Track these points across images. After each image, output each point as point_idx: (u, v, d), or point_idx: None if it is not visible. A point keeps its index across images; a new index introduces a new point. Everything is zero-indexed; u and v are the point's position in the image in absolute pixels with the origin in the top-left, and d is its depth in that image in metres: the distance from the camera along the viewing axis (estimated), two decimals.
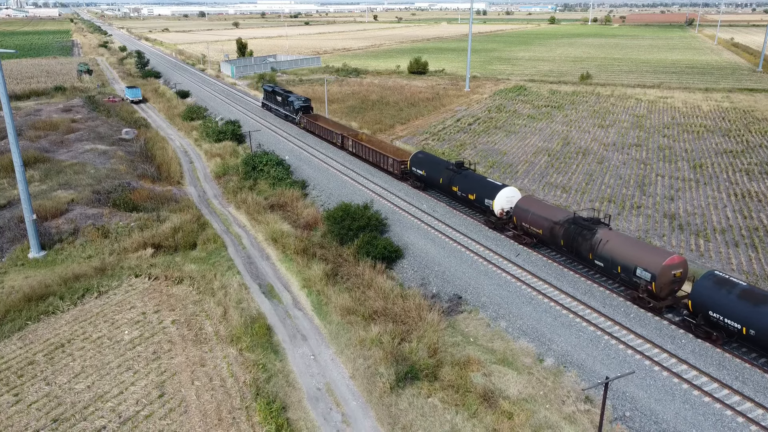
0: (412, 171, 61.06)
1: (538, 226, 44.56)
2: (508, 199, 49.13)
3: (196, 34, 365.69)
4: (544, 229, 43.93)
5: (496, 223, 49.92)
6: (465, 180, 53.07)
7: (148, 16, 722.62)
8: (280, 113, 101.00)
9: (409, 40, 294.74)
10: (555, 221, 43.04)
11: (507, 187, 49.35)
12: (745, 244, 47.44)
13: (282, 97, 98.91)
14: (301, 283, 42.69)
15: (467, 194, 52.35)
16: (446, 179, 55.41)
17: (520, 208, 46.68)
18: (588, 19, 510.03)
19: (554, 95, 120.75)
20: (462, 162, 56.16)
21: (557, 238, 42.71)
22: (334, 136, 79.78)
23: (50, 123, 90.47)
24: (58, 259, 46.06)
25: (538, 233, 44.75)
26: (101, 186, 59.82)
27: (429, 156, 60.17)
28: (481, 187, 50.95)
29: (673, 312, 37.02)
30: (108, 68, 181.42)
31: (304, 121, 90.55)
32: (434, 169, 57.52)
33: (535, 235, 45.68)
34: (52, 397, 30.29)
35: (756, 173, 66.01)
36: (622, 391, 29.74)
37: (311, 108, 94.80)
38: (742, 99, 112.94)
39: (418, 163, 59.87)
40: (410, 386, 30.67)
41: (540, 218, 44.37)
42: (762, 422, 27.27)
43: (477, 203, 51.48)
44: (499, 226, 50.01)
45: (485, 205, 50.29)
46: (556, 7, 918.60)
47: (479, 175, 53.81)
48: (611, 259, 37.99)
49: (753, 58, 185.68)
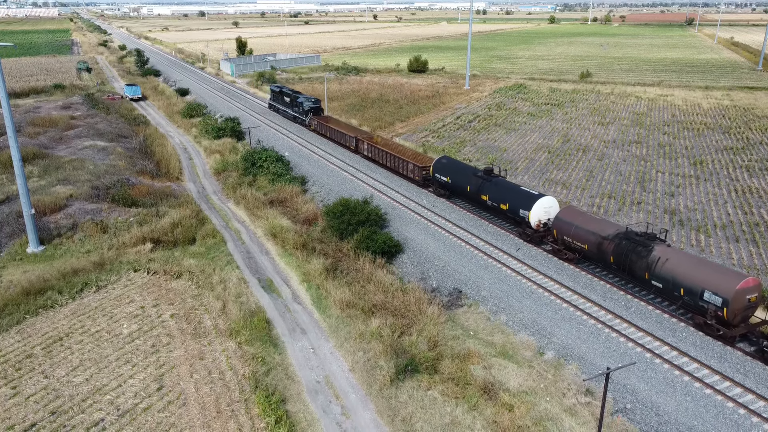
0: (436, 177, 56.70)
1: (582, 240, 40.25)
2: (545, 209, 44.94)
3: (195, 33, 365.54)
4: (590, 244, 39.66)
5: (533, 236, 45.54)
6: (496, 188, 48.70)
7: (147, 16, 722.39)
8: (288, 114, 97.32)
9: (409, 39, 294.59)
10: (603, 236, 38.88)
11: (544, 197, 45.07)
12: (746, 240, 47.31)
13: (290, 98, 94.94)
14: (300, 278, 42.55)
15: (499, 204, 47.94)
16: (474, 187, 50.98)
17: (561, 220, 42.28)
18: (588, 19, 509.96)
19: (554, 93, 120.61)
20: (491, 168, 51.61)
21: (606, 254, 38.49)
22: (348, 139, 75.84)
23: (49, 120, 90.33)
24: (57, 254, 45.90)
25: (583, 248, 40.35)
26: (100, 182, 59.69)
27: (454, 162, 55.84)
28: (516, 197, 46.52)
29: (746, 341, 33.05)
30: (107, 67, 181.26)
31: (314, 123, 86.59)
32: (460, 176, 53.27)
33: (578, 251, 41.22)
34: (50, 390, 30.15)
35: (756, 170, 65.88)
36: (623, 384, 29.61)
37: (321, 109, 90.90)
38: (742, 97, 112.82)
39: (442, 169, 55.66)
40: (410, 379, 30.54)
41: (585, 232, 40.15)
42: (764, 414, 27.13)
43: (510, 214, 47.11)
44: (535, 239, 45.63)
45: (520, 216, 45.87)
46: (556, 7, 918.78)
47: (512, 182, 49.39)
48: (672, 280, 33.94)
49: (753, 56, 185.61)
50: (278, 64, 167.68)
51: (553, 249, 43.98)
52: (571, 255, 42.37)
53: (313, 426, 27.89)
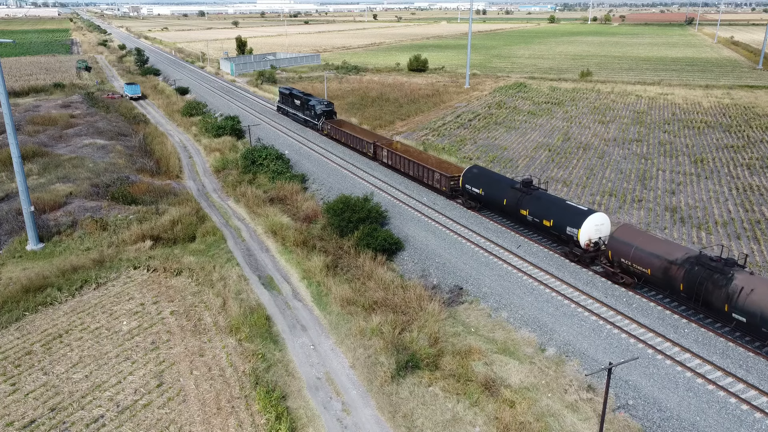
0: (466, 188, 52.50)
1: (644, 264, 36.13)
2: (596, 227, 40.67)
3: (195, 32, 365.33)
4: (653, 269, 35.63)
5: (582, 257, 41.31)
6: (537, 203, 44.28)
7: (147, 16, 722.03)
8: (299, 118, 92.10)
9: (409, 38, 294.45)
10: (671, 260, 34.72)
11: (596, 213, 40.51)
12: (747, 237, 47.20)
13: (301, 101, 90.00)
14: (300, 275, 42.42)
15: (541, 220, 43.65)
16: (512, 200, 46.66)
17: (618, 240, 38.08)
18: (588, 18, 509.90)
19: (554, 92, 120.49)
20: (530, 180, 47.02)
21: (674, 281, 34.43)
22: (365, 145, 70.78)
23: (49, 118, 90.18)
24: (56, 251, 45.76)
25: (645, 273, 36.29)
26: (100, 179, 59.57)
27: (486, 172, 51.58)
28: (562, 212, 42.22)
29: None
30: (107, 66, 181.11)
31: (327, 127, 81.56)
32: (495, 188, 49.03)
33: (639, 275, 37.09)
34: (50, 387, 30.02)
35: (757, 167, 65.77)
36: (625, 380, 29.48)
37: (335, 113, 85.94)
38: (742, 95, 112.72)
39: (474, 180, 51.32)
40: (411, 375, 30.42)
41: (648, 255, 36.00)
42: (766, 410, 27.01)
43: (555, 231, 42.67)
44: (585, 260, 41.32)
45: (567, 234, 41.56)
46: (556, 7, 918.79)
47: (556, 196, 44.97)
48: (761, 314, 29.94)
49: (753, 55, 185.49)
50: (278, 64, 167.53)
51: (606, 272, 39.59)
52: (629, 279, 37.90)
53: (313, 422, 27.77)
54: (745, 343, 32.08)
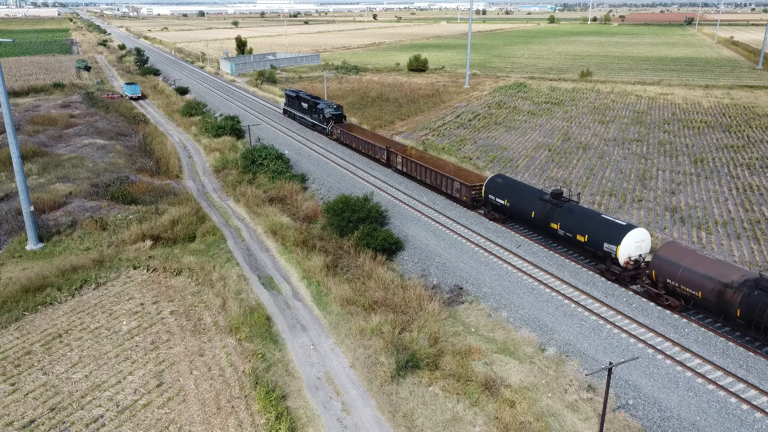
0: (489, 199, 49.78)
1: (694, 286, 33.33)
2: (637, 244, 37.94)
3: (195, 32, 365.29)
4: (705, 292, 32.84)
5: (621, 276, 38.53)
6: (570, 216, 41.50)
7: (147, 16, 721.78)
8: (306, 122, 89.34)
9: (409, 38, 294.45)
10: (726, 283, 31.94)
11: (636, 229, 37.91)
12: (747, 237, 47.18)
13: (308, 104, 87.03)
14: (300, 275, 42.40)
15: (574, 234, 40.77)
16: (541, 213, 43.96)
17: (663, 259, 35.27)
18: (587, 19, 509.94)
19: (554, 92, 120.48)
20: (561, 191, 44.18)
21: (730, 306, 31.71)
22: (378, 150, 68.07)
23: (49, 118, 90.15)
24: (56, 251, 45.73)
25: (694, 296, 33.56)
26: (100, 179, 59.54)
27: (511, 182, 48.79)
28: (598, 227, 39.35)
29: None
30: (107, 66, 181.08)
31: (337, 131, 78.62)
32: (521, 199, 46.28)
33: (687, 298, 34.44)
34: (49, 387, 29.98)
35: (757, 167, 65.76)
36: (625, 380, 29.46)
37: (344, 116, 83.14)
38: (742, 95, 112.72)
39: (498, 190, 48.61)
40: (411, 375, 30.40)
41: (699, 276, 33.17)
42: (767, 409, 26.99)
43: (590, 247, 39.93)
44: (623, 278, 38.52)
45: (604, 250, 38.78)
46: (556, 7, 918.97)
47: (590, 209, 42.17)
48: None
49: (753, 55, 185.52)
50: (278, 63, 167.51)
51: (648, 293, 36.86)
52: (675, 302, 35.10)
53: (313, 422, 27.74)
54: (746, 343, 32.07)
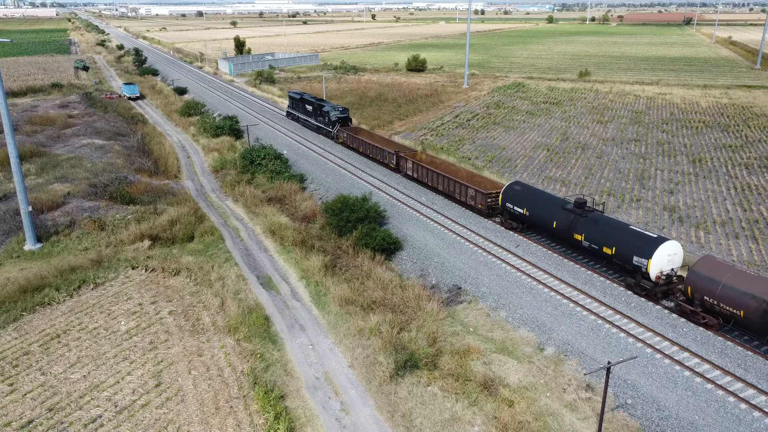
0: (506, 207, 47.58)
1: (735, 305, 31.36)
2: (669, 257, 35.77)
3: (193, 32, 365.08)
4: (748, 311, 30.90)
5: (652, 291, 36.23)
6: (595, 227, 39.44)
7: (145, 16, 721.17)
8: (311, 124, 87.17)
9: (408, 38, 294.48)
10: None
11: (668, 242, 35.72)
12: (746, 236, 47.24)
13: (313, 107, 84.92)
14: (299, 274, 42.37)
15: (600, 247, 38.79)
16: (563, 223, 41.84)
17: (700, 275, 33.16)
18: (586, 19, 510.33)
19: (552, 92, 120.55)
20: (584, 200, 41.86)
21: None
22: (386, 155, 65.84)
23: (47, 118, 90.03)
24: (54, 251, 45.66)
25: (735, 315, 31.64)
26: (98, 179, 59.44)
27: (530, 189, 46.71)
28: (626, 239, 37.26)
29: None
30: (105, 66, 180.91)
31: (343, 135, 76.26)
32: (542, 208, 44.22)
33: (726, 317, 32.42)
34: (47, 387, 29.92)
35: (756, 167, 65.84)
36: (624, 379, 29.48)
37: (350, 119, 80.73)
38: (740, 95, 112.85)
39: (516, 199, 46.49)
40: (410, 375, 30.38)
41: (740, 294, 31.14)
42: (765, 408, 27.03)
43: (618, 260, 37.97)
44: (655, 294, 36.26)
45: (633, 264, 36.74)
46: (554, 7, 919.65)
47: (617, 219, 40.11)
48: None
49: (751, 55, 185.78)
50: (276, 63, 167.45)
51: (682, 310, 34.66)
52: (713, 321, 32.96)
53: (312, 422, 27.72)
54: (744, 342, 32.10)
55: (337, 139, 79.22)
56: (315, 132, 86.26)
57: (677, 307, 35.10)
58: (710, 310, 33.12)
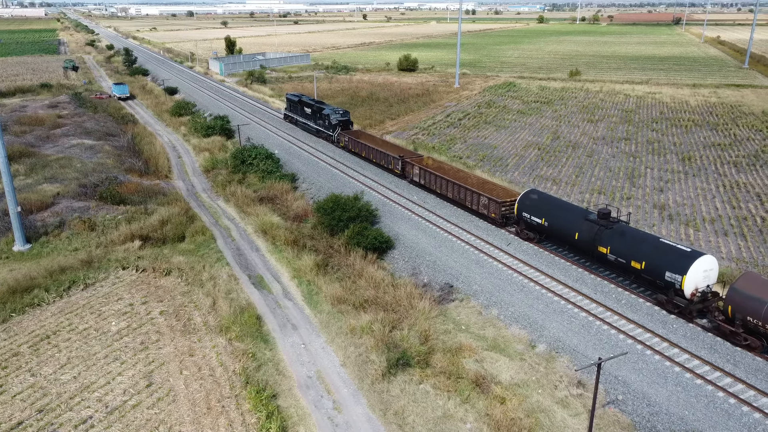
0: (522, 217, 45.15)
1: None
2: (705, 273, 33.50)
3: (184, 32, 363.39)
4: None
5: (687, 309, 33.86)
6: (622, 240, 37.08)
7: (135, 16, 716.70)
8: (310, 128, 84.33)
9: (399, 38, 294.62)
10: None
11: (704, 256, 33.43)
12: (734, 233, 47.65)
13: (312, 109, 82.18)
14: (291, 274, 42.30)
15: (628, 261, 36.44)
16: (586, 235, 39.29)
17: (743, 294, 30.92)
18: (576, 18, 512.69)
19: (543, 91, 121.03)
20: (608, 210, 39.16)
21: None
22: (392, 160, 62.98)
23: (36, 119, 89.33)
24: (44, 252, 45.32)
25: None
26: (88, 179, 59.07)
27: (548, 198, 44.40)
28: (658, 253, 34.89)
29: None
30: (95, 66, 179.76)
31: (345, 139, 73.47)
32: (562, 218, 41.76)
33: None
34: (37, 388, 29.70)
35: (744, 165, 66.42)
36: (615, 375, 29.66)
37: (351, 122, 77.91)
38: (729, 94, 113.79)
39: (533, 208, 44.04)
40: (402, 373, 30.41)
41: None
42: (754, 403, 27.29)
43: (648, 275, 35.57)
44: (690, 312, 33.83)
45: (666, 280, 34.37)
46: (545, 7, 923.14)
47: (645, 232, 38.35)
48: None
49: (739, 54, 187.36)
50: (268, 63, 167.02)
51: (721, 330, 32.46)
52: (756, 342, 30.83)
53: (304, 420, 27.69)
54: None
55: (338, 144, 76.73)
56: (315, 136, 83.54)
57: (715, 327, 32.98)
58: (754, 332, 30.91)
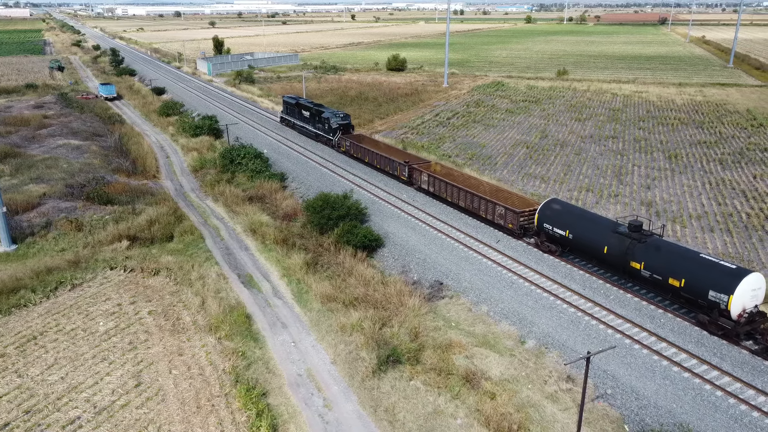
0: (544, 228, 42.37)
1: None
2: (753, 292, 31.15)
3: (171, 32, 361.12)
4: None
5: (733, 331, 31.38)
6: (658, 255, 34.45)
7: (122, 16, 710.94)
8: (308, 132, 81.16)
9: (387, 38, 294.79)
10: None
11: (751, 274, 31.07)
12: (720, 229, 48.17)
13: (311, 113, 79.15)
14: (280, 272, 42.18)
15: (666, 277, 33.75)
16: (616, 249, 36.70)
17: None
18: (564, 18, 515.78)
19: (532, 90, 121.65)
20: (640, 222, 36.54)
21: None
22: (397, 166, 60.22)
23: (21, 119, 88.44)
24: (30, 253, 44.83)
25: None
26: (75, 180, 58.55)
27: (572, 208, 41.83)
28: (699, 270, 32.28)
29: None
30: (81, 66, 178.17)
31: (346, 143, 70.48)
32: (588, 231, 39.07)
33: None
34: (24, 389, 29.37)
35: (729, 162, 67.15)
36: (603, 369, 29.88)
37: (352, 126, 74.96)
38: (714, 93, 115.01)
39: (556, 219, 41.37)
40: (392, 370, 30.44)
41: None
42: (740, 395, 27.61)
43: (688, 293, 32.96)
44: (736, 334, 31.43)
45: (710, 299, 31.78)
46: (533, 7, 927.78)
47: (684, 246, 36.12)
48: None
49: (724, 54, 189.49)
50: (256, 63, 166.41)
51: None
52: None
53: (295, 418, 27.62)
54: None
55: (339, 148, 73.34)
56: (313, 140, 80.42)
57: (763, 349, 30.85)
58: None
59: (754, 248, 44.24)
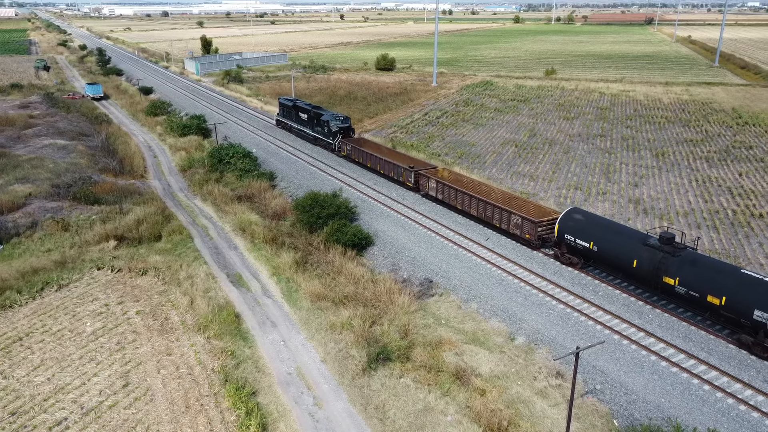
0: (565, 239, 39.78)
1: None
2: None
3: (159, 32, 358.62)
4: None
5: None
6: (694, 270, 32.07)
7: (109, 16, 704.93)
8: (307, 135, 78.20)
9: (376, 38, 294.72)
10: None
11: None
12: (707, 226, 48.60)
13: (309, 115, 76.14)
14: (270, 271, 41.99)
15: (704, 295, 31.34)
16: (647, 263, 34.28)
17: None
18: (551, 18, 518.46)
19: (520, 89, 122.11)
20: (672, 234, 33.91)
21: None
22: (402, 172, 57.52)
23: (6, 119, 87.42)
24: (15, 253, 44.29)
25: None
26: (61, 180, 57.95)
27: (596, 218, 39.21)
28: (743, 288, 29.83)
29: None
30: (67, 66, 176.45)
31: (347, 147, 67.54)
32: (615, 243, 36.49)
33: None
34: (10, 391, 29.02)
35: (715, 160, 67.79)
36: (593, 365, 30.03)
37: (352, 129, 72.16)
38: (700, 92, 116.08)
39: (578, 230, 38.84)
40: (382, 367, 30.40)
41: None
42: (727, 389, 27.86)
43: (729, 312, 30.48)
44: None
45: (754, 320, 29.34)
46: (521, 7, 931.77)
47: (722, 261, 33.92)
48: None
49: (709, 53, 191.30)
50: (244, 63, 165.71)
51: None
52: None
53: (285, 416, 27.50)
54: (707, 327, 33.00)
55: (339, 153, 70.42)
56: (312, 143, 77.43)
57: None
58: None
59: (740, 244, 44.69)
